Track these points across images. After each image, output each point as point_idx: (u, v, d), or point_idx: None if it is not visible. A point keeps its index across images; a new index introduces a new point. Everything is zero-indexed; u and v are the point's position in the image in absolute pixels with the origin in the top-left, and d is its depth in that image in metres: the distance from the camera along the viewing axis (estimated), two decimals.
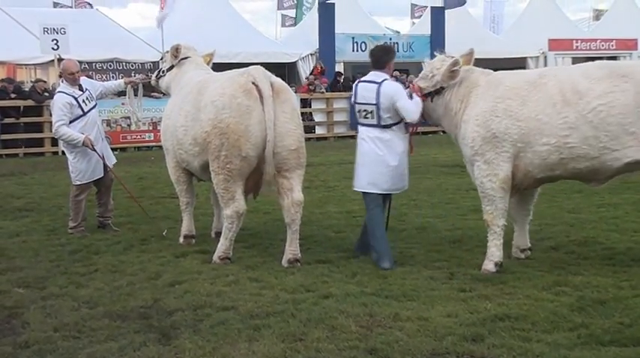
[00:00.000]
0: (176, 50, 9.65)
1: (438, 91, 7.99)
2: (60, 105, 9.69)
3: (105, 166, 10.04)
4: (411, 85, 8.33)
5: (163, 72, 9.82)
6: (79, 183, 9.93)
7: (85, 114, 9.81)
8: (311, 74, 27.25)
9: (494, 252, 7.61)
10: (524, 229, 8.24)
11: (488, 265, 7.59)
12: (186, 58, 9.62)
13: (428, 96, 8.03)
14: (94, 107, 10.01)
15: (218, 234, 8.78)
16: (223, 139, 7.85)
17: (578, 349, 5.36)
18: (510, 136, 7.40)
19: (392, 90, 7.99)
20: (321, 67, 27.68)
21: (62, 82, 10.20)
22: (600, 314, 6.10)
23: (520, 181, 7.63)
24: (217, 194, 8.26)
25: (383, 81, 8.05)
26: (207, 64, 9.83)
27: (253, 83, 7.92)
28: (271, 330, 5.89)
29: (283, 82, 8.30)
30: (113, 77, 23.69)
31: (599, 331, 5.69)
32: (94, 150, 9.79)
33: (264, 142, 7.79)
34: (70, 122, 9.71)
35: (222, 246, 8.20)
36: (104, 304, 6.74)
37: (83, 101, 9.83)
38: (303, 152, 8.13)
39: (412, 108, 7.95)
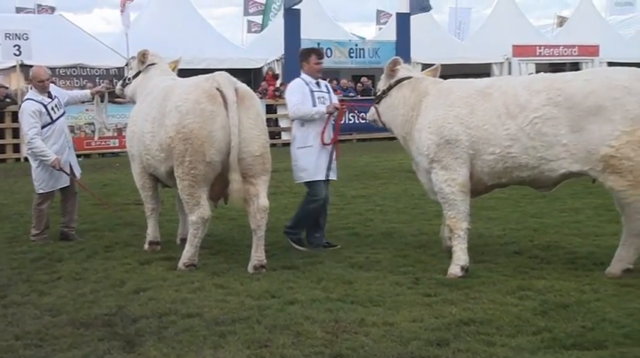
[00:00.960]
0: (143, 56, 9.61)
1: (385, 92, 8.44)
2: (30, 113, 9.52)
3: (72, 174, 9.90)
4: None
5: (129, 79, 9.76)
6: (41, 191, 9.80)
7: (53, 122, 9.68)
8: (263, 81, 27.19)
9: (460, 256, 7.70)
10: None
11: (455, 269, 7.65)
12: (152, 64, 9.59)
13: (380, 99, 8.53)
14: (62, 115, 9.89)
15: (183, 241, 8.70)
16: (187, 145, 7.83)
17: (541, 353, 5.41)
18: (462, 143, 7.65)
19: (287, 88, 9.35)
20: (273, 74, 27.65)
21: (30, 88, 10.06)
22: (563, 318, 6.16)
23: (473, 187, 7.85)
24: (182, 200, 8.22)
25: None
26: (173, 70, 9.81)
27: (218, 89, 7.91)
28: (236, 337, 5.88)
29: (248, 88, 8.30)
30: (77, 83, 23.55)
31: (562, 335, 5.74)
32: (61, 170, 9.64)
33: (229, 148, 7.78)
34: None
35: (187, 253, 8.16)
36: (67, 312, 6.68)
37: (52, 109, 9.70)
38: (268, 158, 8.13)
39: (288, 105, 9.17)
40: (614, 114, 7.08)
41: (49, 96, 9.78)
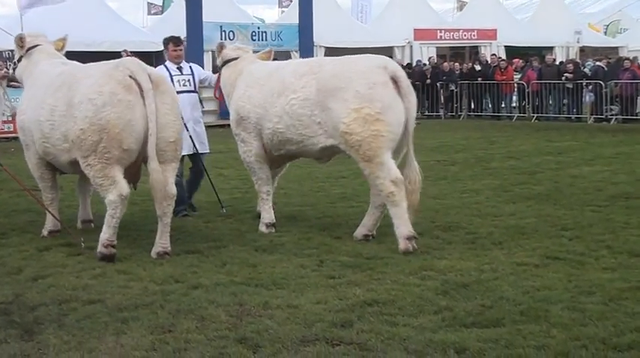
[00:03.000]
0: (20, 40, 9.11)
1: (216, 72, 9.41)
2: None
3: None
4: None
5: (15, 63, 9.38)
6: None
7: None
8: None
9: (265, 215, 9.01)
10: None
11: (262, 227, 8.93)
12: (35, 46, 9.10)
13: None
14: None
15: (84, 223, 8.76)
16: (103, 134, 7.56)
17: (442, 331, 5.53)
18: (251, 119, 8.76)
19: None
20: (128, 55, 27.08)
21: None
22: (463, 297, 6.32)
23: (269, 158, 8.91)
24: (96, 185, 7.87)
25: None
26: (60, 50, 9.33)
27: (131, 77, 7.69)
28: (140, 322, 5.81)
29: (160, 73, 8.20)
30: None
31: (462, 313, 5.88)
32: None
33: (146, 136, 7.61)
34: None
35: (105, 234, 7.75)
36: None
37: None
38: (180, 144, 8.09)
39: None
40: (347, 93, 7.90)
41: None
